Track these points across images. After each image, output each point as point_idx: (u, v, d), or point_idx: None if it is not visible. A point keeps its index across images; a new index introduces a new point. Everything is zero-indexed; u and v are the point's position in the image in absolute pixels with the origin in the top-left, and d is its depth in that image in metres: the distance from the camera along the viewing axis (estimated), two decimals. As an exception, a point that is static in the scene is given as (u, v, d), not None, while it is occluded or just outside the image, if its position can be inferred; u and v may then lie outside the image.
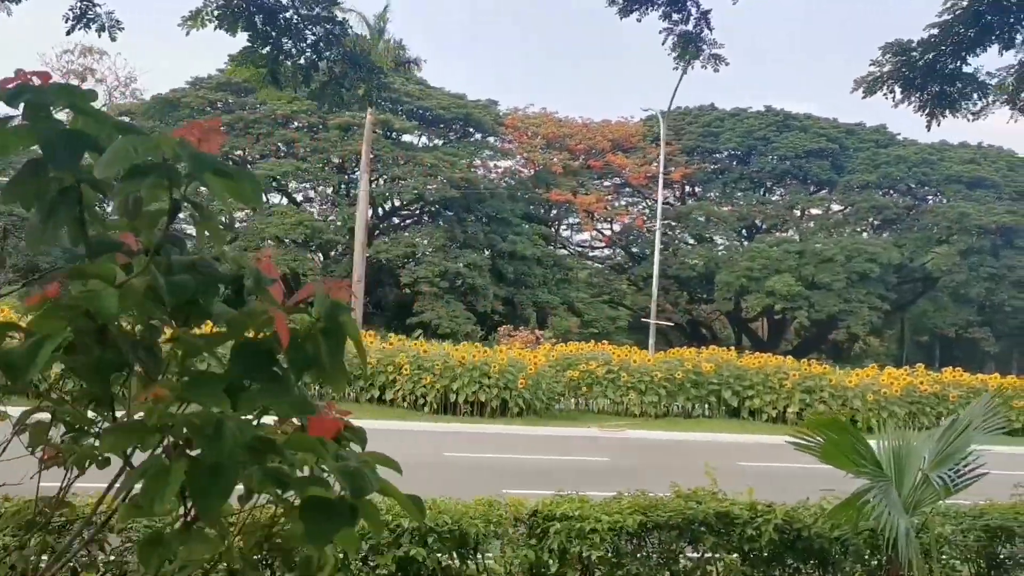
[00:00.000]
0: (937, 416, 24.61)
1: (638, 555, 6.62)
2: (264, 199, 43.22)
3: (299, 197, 46.80)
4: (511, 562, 6.08)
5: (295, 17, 5.79)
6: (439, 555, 5.82)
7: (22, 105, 1.29)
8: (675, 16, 6.19)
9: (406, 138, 46.87)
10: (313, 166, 42.55)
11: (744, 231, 53.66)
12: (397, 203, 46.76)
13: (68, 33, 7.90)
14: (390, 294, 44.19)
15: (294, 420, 1.63)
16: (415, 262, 40.31)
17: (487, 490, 7.18)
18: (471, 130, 48.69)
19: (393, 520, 5.74)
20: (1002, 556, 7.76)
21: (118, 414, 1.64)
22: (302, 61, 6.00)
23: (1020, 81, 6.14)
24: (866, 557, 7.14)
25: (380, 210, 48.82)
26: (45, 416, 1.80)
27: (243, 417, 1.43)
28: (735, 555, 6.86)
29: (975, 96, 6.33)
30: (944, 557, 7.73)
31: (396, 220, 49.50)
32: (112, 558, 4.59)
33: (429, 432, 18.13)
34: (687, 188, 55.24)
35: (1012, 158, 50.28)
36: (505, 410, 20.53)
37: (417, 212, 48.36)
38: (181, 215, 1.49)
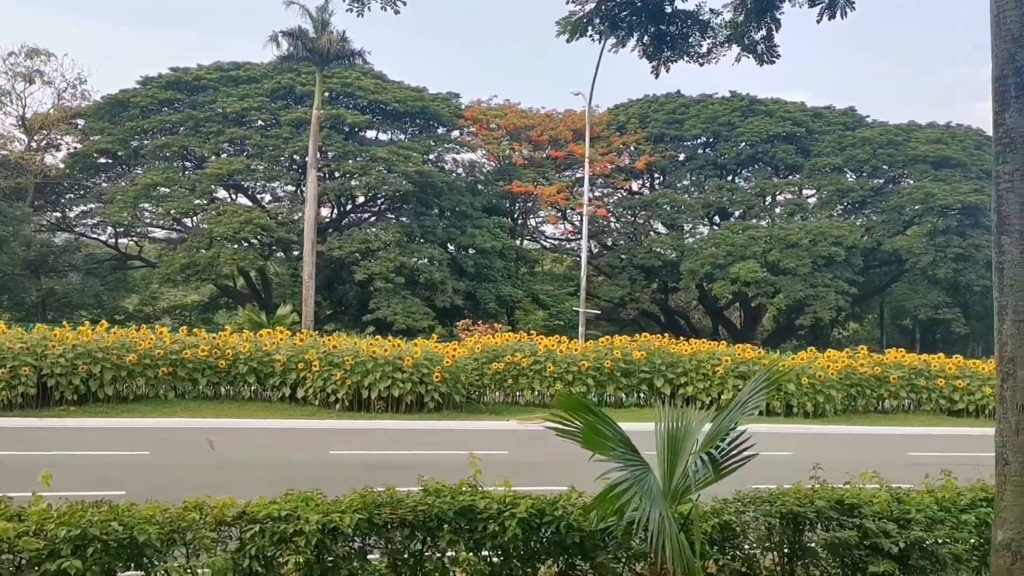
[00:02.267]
0: (877, 399, 24.12)
1: (368, 556, 6.04)
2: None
3: (267, 197, 46.08)
4: (197, 571, 5.49)
5: None
6: (106, 566, 5.22)
7: None
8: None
9: (370, 134, 46.24)
10: (266, 164, 41.89)
11: (716, 217, 52.96)
12: (359, 199, 46.04)
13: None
14: (350, 291, 43.54)
15: None
16: (370, 258, 39.66)
17: (354, 488, 6.58)
18: (431, 123, 48.03)
19: (52, 531, 5.15)
20: (811, 544, 7.20)
21: None
22: None
23: (748, 18, 5.51)
24: (642, 549, 6.55)
25: (341, 207, 48.21)
26: None
27: None
28: (488, 552, 6.29)
29: (698, 36, 5.72)
30: (746, 546, 7.17)
31: (362, 216, 48.79)
32: None
33: (329, 430, 17.56)
34: (657, 176, 54.57)
35: (980, 136, 49.54)
36: (422, 405, 19.95)
37: (377, 208, 47.76)
38: None
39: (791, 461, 7.97)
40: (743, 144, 50.01)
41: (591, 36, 5.59)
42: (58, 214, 47.42)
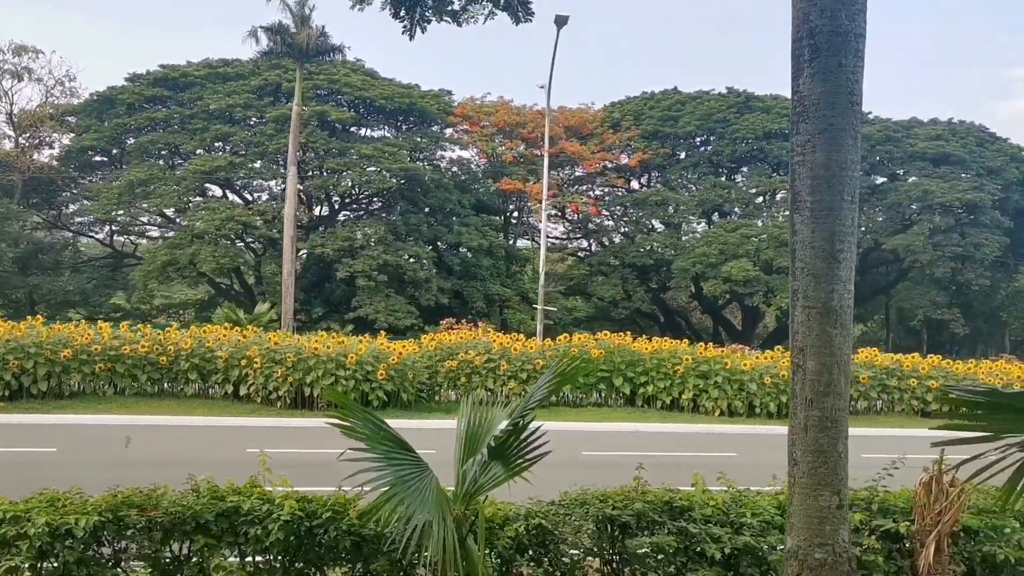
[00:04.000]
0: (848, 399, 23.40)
1: (109, 562, 5.59)
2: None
3: (264, 196, 45.81)
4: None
5: None
6: None
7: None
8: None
9: (362, 131, 45.94)
10: (250, 160, 41.67)
11: (715, 215, 52.18)
12: (339, 196, 45.71)
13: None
14: (336, 289, 43.27)
15: None
16: (351, 255, 39.32)
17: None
18: (424, 121, 47.58)
19: None
20: (641, 549, 6.68)
21: None
22: None
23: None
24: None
25: (331, 204, 47.93)
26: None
27: None
28: (259, 558, 5.85)
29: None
30: (571, 551, 6.70)
31: (355, 213, 48.44)
32: None
33: (263, 428, 17.18)
34: (655, 174, 53.86)
35: (982, 133, 48.61)
36: (367, 403, 19.50)
37: (367, 205, 47.45)
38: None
39: (731, 462, 7.46)
40: (739, 141, 49.23)
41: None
42: (54, 212, 47.50)
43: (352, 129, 45.01)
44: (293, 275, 36.09)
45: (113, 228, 47.72)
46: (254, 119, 43.61)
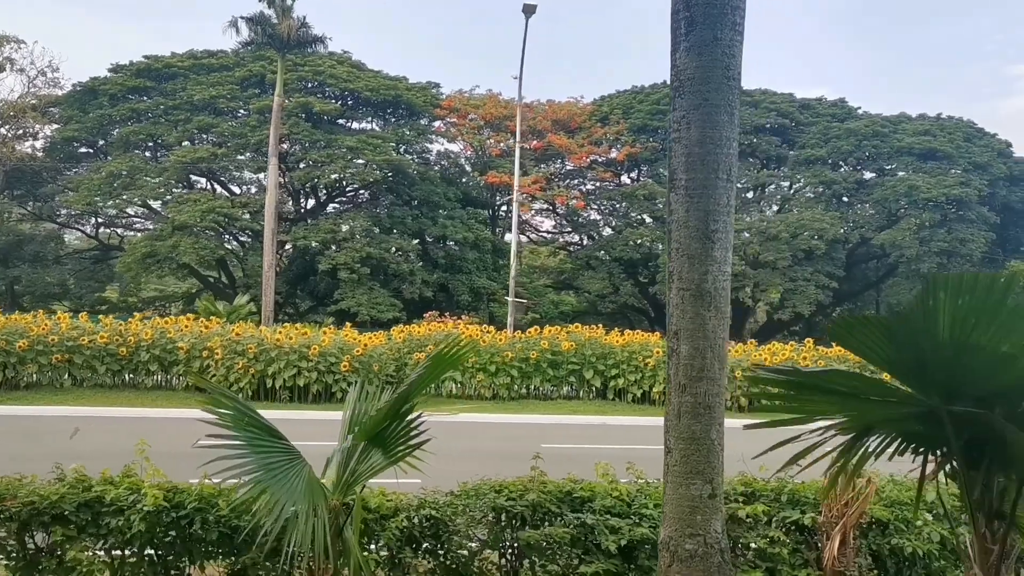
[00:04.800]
0: (820, 394, 23.23)
1: None
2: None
3: (252, 189, 45.57)
4: None
5: None
6: None
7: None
8: None
9: (352, 124, 45.72)
10: (233, 151, 41.43)
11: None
12: (325, 188, 45.49)
13: None
14: (321, 282, 43.07)
15: None
16: (336, 247, 39.14)
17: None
18: (413, 114, 47.32)
19: None
20: (542, 542, 6.45)
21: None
22: None
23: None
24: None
25: (316, 197, 47.71)
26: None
27: None
28: (127, 551, 5.65)
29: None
30: (470, 543, 6.49)
31: (335, 206, 48.18)
32: None
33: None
34: (644, 168, 53.60)
35: (970, 129, 48.36)
36: (331, 395, 19.37)
37: (354, 197, 47.23)
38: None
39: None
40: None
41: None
42: (38, 204, 47.25)
43: (339, 121, 44.77)
44: (274, 268, 35.90)
45: (99, 220, 47.52)
46: (241, 111, 43.42)
